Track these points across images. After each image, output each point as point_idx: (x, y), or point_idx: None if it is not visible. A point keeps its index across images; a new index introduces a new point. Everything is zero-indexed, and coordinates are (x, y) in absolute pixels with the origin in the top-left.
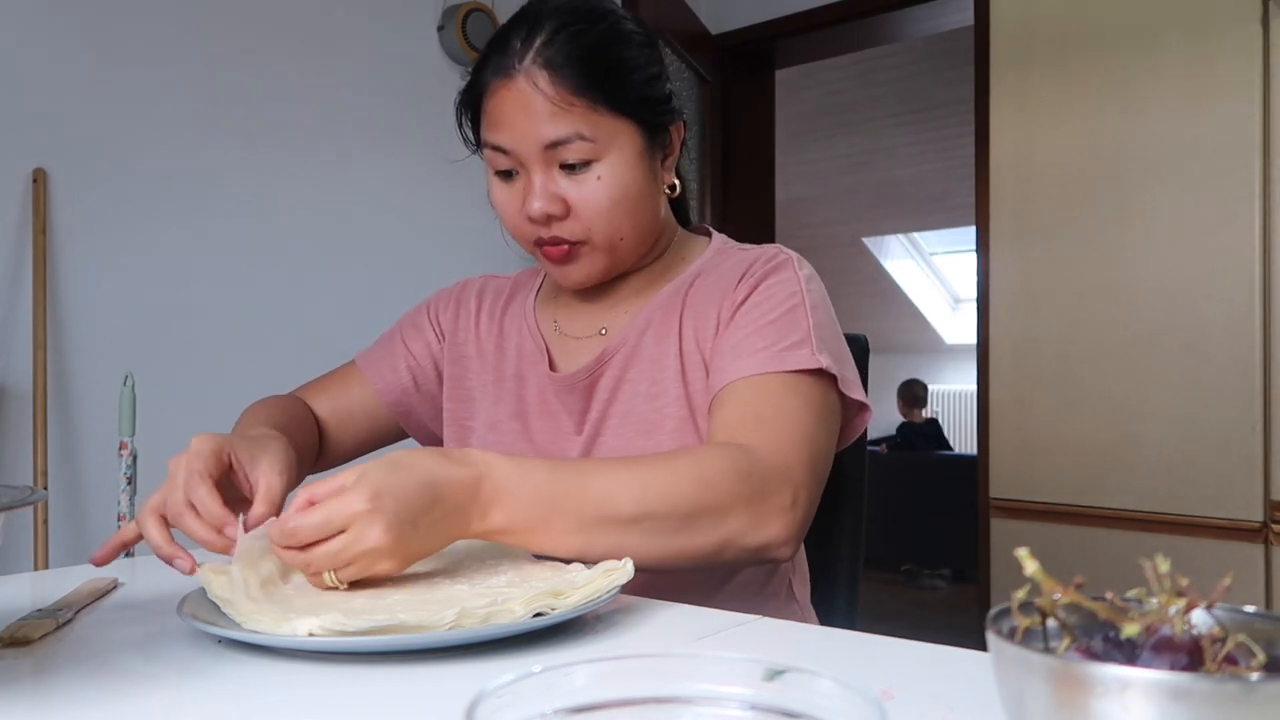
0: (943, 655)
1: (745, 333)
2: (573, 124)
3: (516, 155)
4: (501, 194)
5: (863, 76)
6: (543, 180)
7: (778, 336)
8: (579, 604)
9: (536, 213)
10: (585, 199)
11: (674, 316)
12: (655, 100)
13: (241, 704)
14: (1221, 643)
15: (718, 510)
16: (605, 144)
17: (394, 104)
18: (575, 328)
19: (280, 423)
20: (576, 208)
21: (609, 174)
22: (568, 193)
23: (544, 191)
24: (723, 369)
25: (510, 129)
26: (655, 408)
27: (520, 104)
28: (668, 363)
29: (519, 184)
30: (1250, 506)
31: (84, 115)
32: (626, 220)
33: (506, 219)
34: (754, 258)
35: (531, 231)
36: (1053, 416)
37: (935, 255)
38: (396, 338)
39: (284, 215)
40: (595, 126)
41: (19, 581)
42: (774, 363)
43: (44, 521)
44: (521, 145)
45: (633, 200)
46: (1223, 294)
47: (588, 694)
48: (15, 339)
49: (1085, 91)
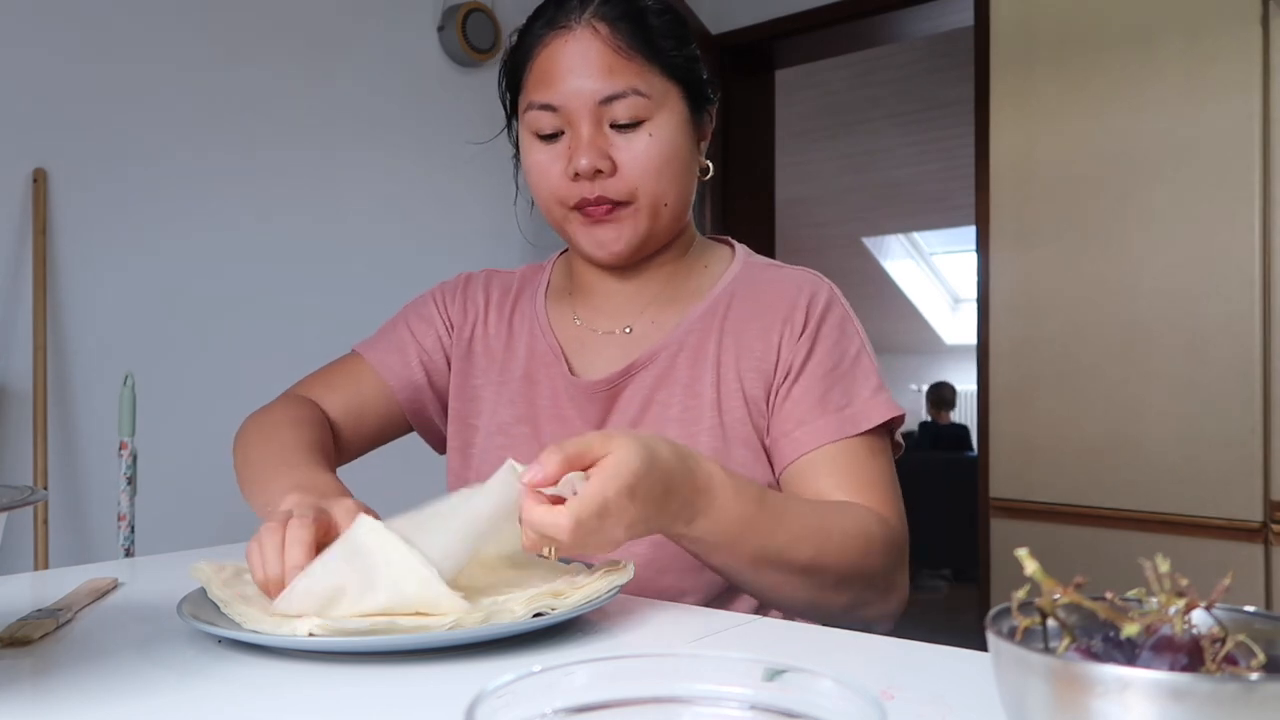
0: (943, 655)
1: (822, 389)
2: (629, 78)
3: (565, 112)
4: (542, 156)
5: (863, 77)
6: (592, 135)
7: (853, 389)
8: (579, 604)
9: (584, 168)
10: (635, 156)
11: (710, 341)
12: (700, 76)
13: (241, 704)
14: (1221, 643)
15: (867, 577)
16: (658, 103)
17: (394, 104)
18: (600, 322)
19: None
20: (624, 166)
21: (659, 134)
22: (617, 150)
23: (592, 146)
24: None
25: (562, 83)
26: (689, 434)
27: (578, 54)
28: (702, 389)
29: (562, 145)
30: (1250, 506)
31: (84, 115)
32: (672, 184)
33: (544, 184)
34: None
35: (573, 193)
36: (1053, 416)
37: (935, 255)
38: (403, 329)
39: (284, 215)
40: (649, 84)
41: (19, 581)
42: (860, 421)
43: (44, 521)
44: (573, 99)
45: (679, 164)
46: (1223, 294)
47: (588, 694)
48: (15, 339)
49: (1085, 92)
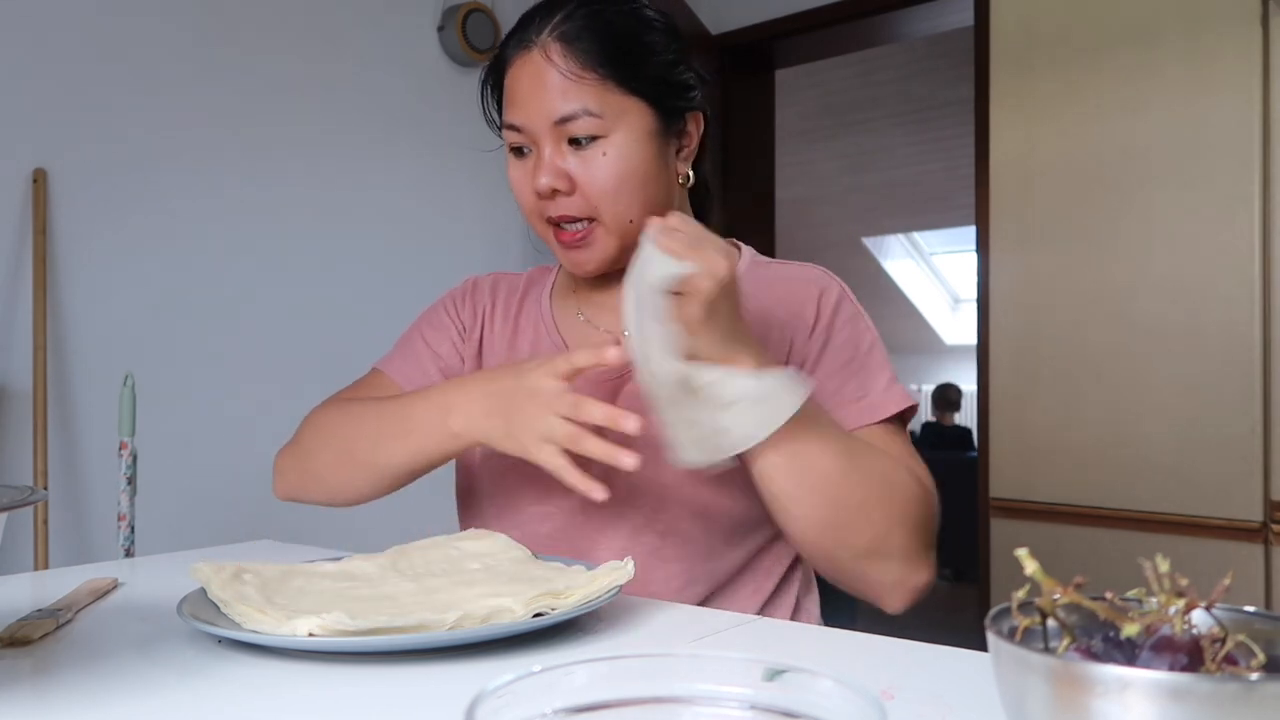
0: (943, 655)
1: (838, 381)
2: (581, 98)
3: (528, 131)
4: (515, 172)
5: (863, 76)
6: (550, 155)
7: (869, 381)
8: (579, 604)
9: (542, 187)
10: (591, 176)
11: None
12: (671, 84)
13: (241, 704)
14: (1221, 643)
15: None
16: (613, 121)
17: (394, 104)
18: (605, 318)
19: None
20: (582, 184)
21: (615, 152)
22: (574, 168)
23: (550, 166)
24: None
25: (524, 104)
26: None
27: (534, 76)
28: None
29: (530, 161)
30: (1250, 506)
31: (84, 115)
32: (634, 200)
33: (520, 199)
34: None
35: (540, 209)
36: (1053, 416)
37: (935, 255)
38: (418, 340)
39: (284, 215)
40: (603, 103)
41: (19, 581)
42: (878, 410)
43: (44, 521)
44: (532, 120)
45: (640, 180)
46: (1223, 294)
47: (588, 694)
48: (15, 339)
49: (1085, 91)
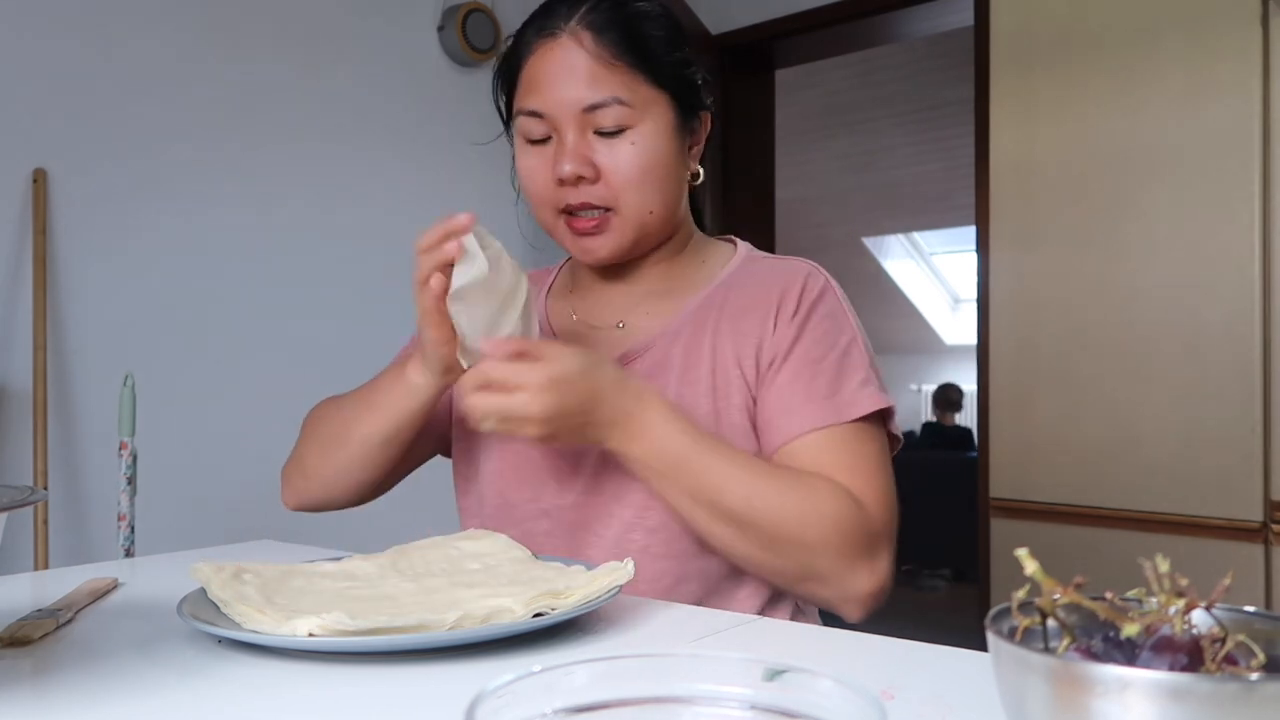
0: (943, 655)
1: (809, 376)
2: (612, 87)
3: (552, 119)
4: (530, 161)
5: (863, 76)
6: (575, 142)
7: (841, 379)
8: (579, 604)
9: (567, 174)
10: (617, 165)
11: (705, 331)
12: (689, 82)
13: (241, 704)
14: (1221, 643)
15: (811, 547)
16: (641, 111)
17: (394, 104)
18: (594, 316)
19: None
20: (607, 173)
21: (642, 142)
22: (600, 157)
23: (575, 153)
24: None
25: (549, 90)
26: None
27: (563, 62)
28: (697, 377)
29: (550, 150)
30: (1250, 506)
31: (84, 115)
32: (656, 192)
33: (533, 188)
34: (788, 278)
35: (559, 197)
36: (1053, 416)
37: (935, 255)
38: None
39: (284, 215)
40: (633, 93)
41: (19, 581)
42: (846, 410)
43: (44, 521)
44: (558, 108)
45: (663, 172)
46: (1223, 294)
47: (588, 694)
48: (15, 339)
49: (1085, 91)
